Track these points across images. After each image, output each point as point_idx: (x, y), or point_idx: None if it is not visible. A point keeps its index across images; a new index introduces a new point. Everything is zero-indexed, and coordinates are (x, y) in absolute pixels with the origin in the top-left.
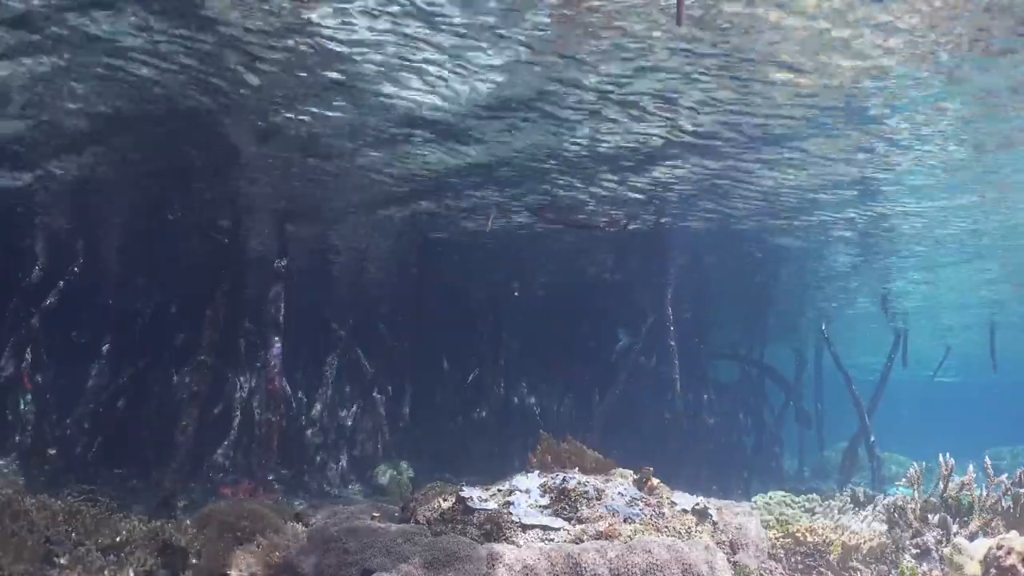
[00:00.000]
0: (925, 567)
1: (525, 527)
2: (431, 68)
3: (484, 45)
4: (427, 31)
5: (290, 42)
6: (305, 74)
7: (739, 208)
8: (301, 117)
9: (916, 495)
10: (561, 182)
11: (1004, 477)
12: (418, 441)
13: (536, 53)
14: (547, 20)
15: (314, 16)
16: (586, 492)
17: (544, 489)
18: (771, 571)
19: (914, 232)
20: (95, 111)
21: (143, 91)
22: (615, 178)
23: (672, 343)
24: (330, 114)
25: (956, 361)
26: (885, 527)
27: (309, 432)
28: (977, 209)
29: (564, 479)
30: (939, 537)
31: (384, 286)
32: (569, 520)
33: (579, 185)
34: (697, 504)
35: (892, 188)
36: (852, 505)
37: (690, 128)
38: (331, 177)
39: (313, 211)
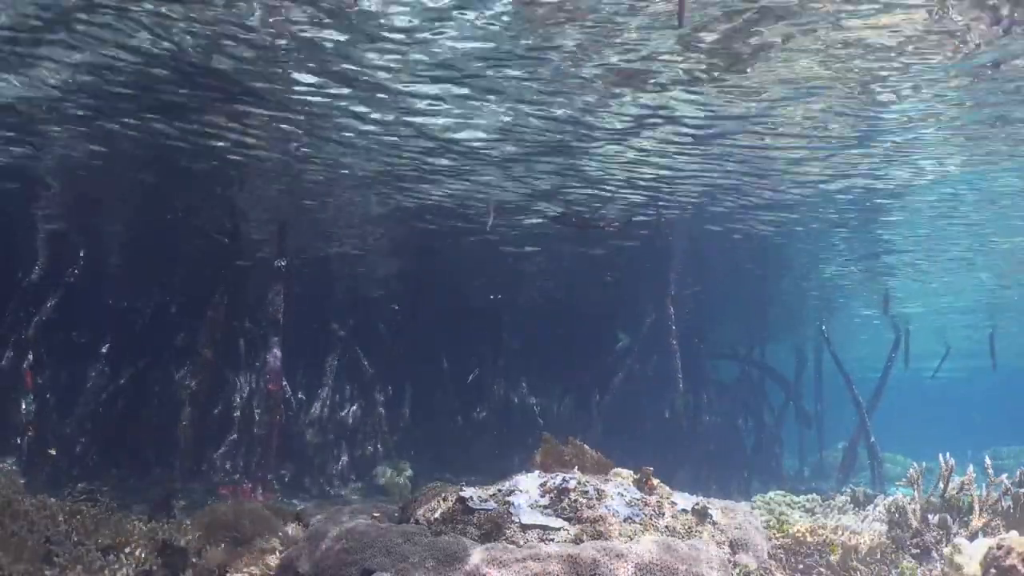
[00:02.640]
0: (925, 567)
1: (525, 527)
2: None
3: None
4: None
5: None
6: None
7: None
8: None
9: (916, 495)
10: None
11: (1004, 477)
12: (418, 441)
13: None
14: None
15: None
16: (586, 492)
17: (544, 489)
18: (771, 571)
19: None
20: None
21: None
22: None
23: (673, 342)
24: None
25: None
26: (885, 527)
27: (309, 432)
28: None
29: (564, 479)
30: (939, 537)
31: (384, 286)
32: (569, 520)
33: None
34: (697, 504)
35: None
36: (852, 505)
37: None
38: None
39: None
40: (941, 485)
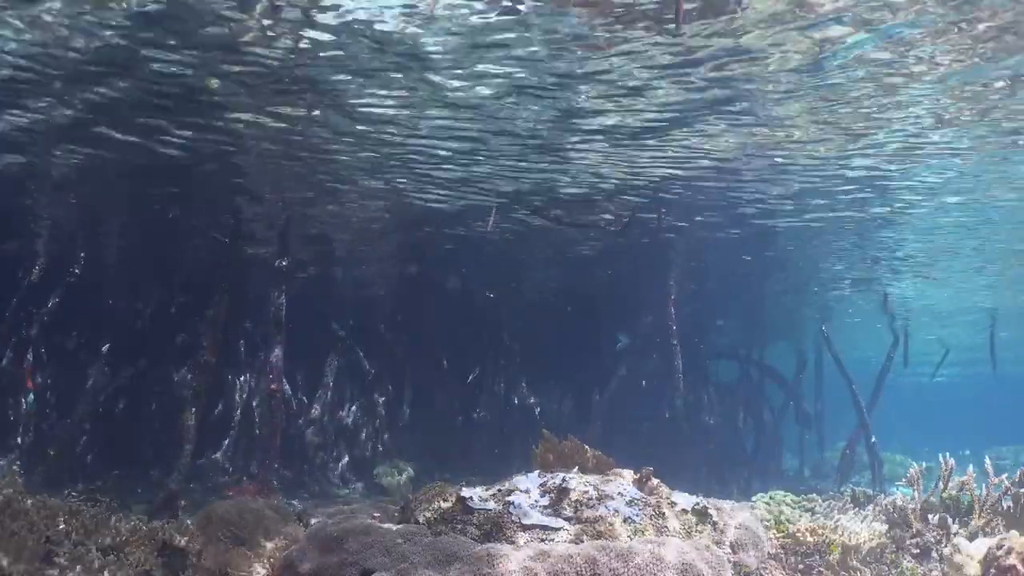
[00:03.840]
0: (925, 567)
1: (525, 527)
2: None
3: None
4: None
5: None
6: None
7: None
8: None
9: (916, 495)
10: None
11: (1004, 477)
12: (418, 441)
13: None
14: None
15: None
16: (586, 492)
17: (544, 489)
18: (771, 571)
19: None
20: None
21: None
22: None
23: (673, 342)
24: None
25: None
26: (885, 527)
27: (309, 432)
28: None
29: (564, 479)
30: (939, 537)
31: (384, 286)
32: (569, 520)
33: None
34: (697, 504)
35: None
36: (852, 505)
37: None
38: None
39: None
40: (941, 485)
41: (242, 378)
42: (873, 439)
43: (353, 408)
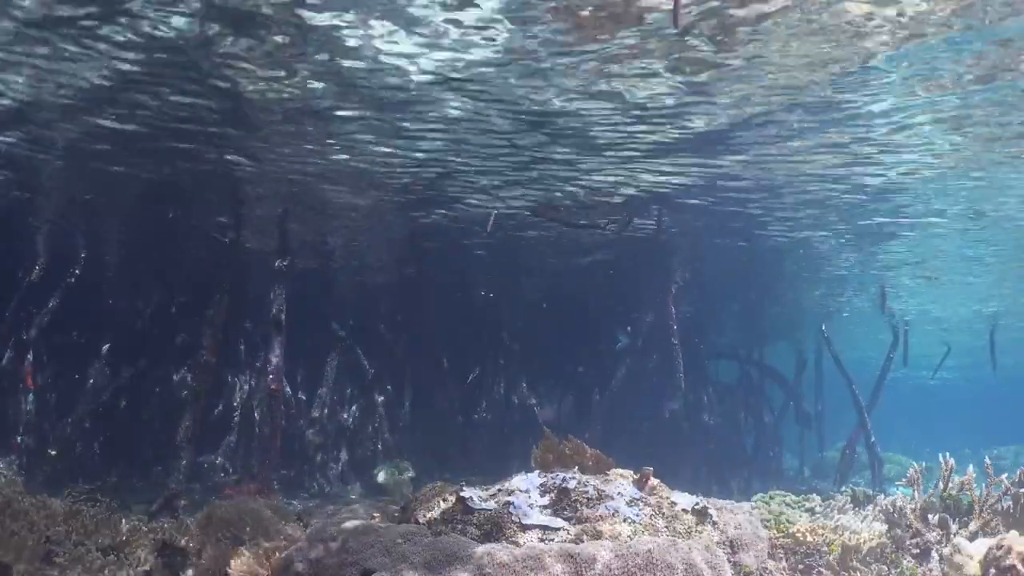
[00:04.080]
0: (925, 567)
1: (525, 527)
2: None
3: None
4: None
5: None
6: None
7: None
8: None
9: (916, 495)
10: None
11: (1004, 477)
12: (418, 441)
13: None
14: None
15: None
16: (586, 492)
17: (544, 489)
18: (771, 571)
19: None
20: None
21: None
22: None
23: (674, 341)
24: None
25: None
26: (885, 527)
27: (309, 432)
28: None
29: (564, 479)
30: (939, 537)
31: (384, 286)
32: (569, 520)
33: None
34: (697, 504)
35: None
36: (852, 505)
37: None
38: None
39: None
40: (941, 485)
41: (242, 378)
42: (873, 439)
43: (353, 408)
